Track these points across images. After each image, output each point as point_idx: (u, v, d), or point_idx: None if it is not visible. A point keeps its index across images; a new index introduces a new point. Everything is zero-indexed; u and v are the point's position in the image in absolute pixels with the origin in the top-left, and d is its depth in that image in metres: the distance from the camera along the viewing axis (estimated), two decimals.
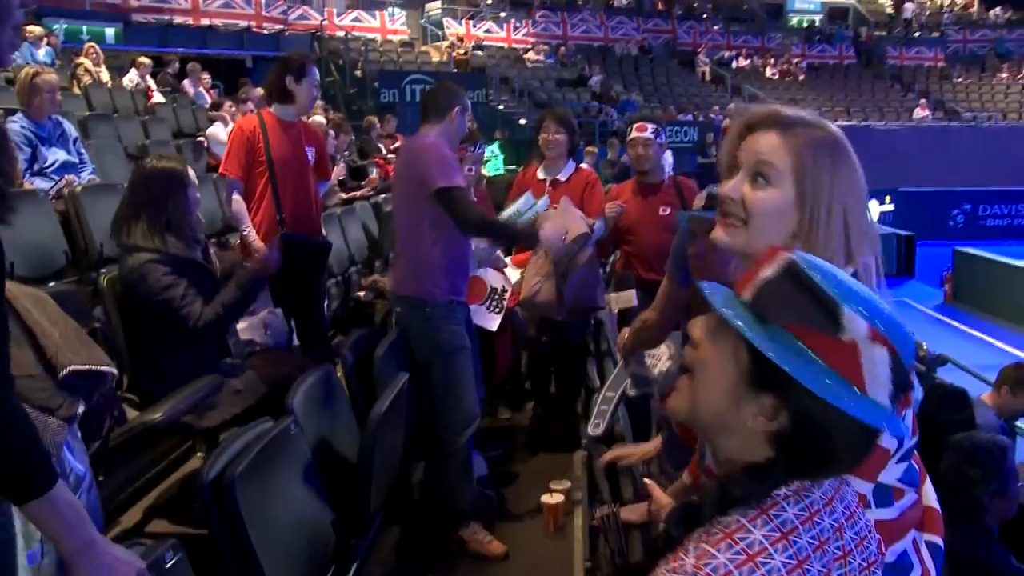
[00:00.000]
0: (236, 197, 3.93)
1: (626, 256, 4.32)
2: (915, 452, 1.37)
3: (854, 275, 1.22)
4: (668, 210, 4.14)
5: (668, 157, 4.61)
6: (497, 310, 4.00)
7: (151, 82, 10.92)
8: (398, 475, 3.03)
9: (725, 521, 0.90)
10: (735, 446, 0.98)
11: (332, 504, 2.28)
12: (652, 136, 4.19)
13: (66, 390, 2.03)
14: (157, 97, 10.55)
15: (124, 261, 2.89)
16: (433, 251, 3.20)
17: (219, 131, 7.99)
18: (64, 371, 2.01)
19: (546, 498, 3.40)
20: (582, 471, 3.58)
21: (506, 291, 4.03)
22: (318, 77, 4.06)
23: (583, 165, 4.45)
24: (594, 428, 3.21)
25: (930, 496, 1.40)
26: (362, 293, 5.96)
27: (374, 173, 8.01)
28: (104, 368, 2.12)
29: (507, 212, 3.87)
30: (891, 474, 1.30)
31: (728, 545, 0.88)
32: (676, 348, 3.14)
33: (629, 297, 3.96)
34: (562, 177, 4.26)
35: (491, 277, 4.05)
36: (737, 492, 0.91)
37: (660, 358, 3.16)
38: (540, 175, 4.31)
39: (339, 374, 2.93)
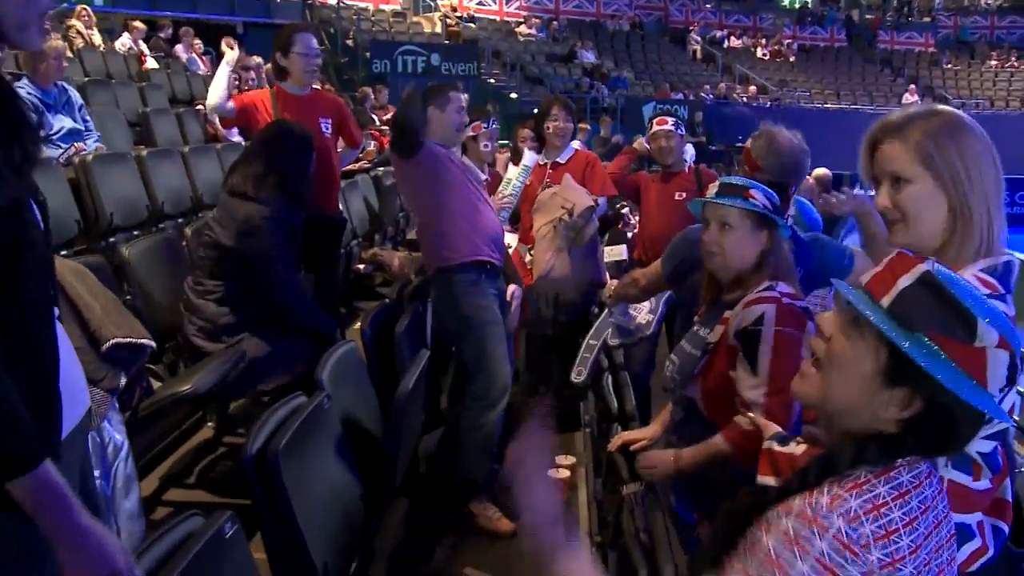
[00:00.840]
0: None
1: (640, 240, 4.41)
2: (1007, 446, 1.49)
3: (997, 271, 1.39)
4: (683, 195, 4.22)
5: (689, 148, 4.73)
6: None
7: (144, 47, 10.76)
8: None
9: (854, 474, 1.07)
10: (859, 426, 1.11)
11: (360, 478, 2.35)
12: (673, 128, 4.35)
13: (109, 362, 2.08)
14: (150, 62, 10.37)
15: (235, 207, 2.97)
16: (443, 216, 3.20)
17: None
18: (107, 344, 2.07)
19: (552, 473, 3.48)
20: (585, 448, 3.66)
21: (510, 246, 4.10)
22: (313, 43, 3.96)
23: (577, 145, 4.54)
24: (576, 375, 3.33)
25: (1006, 490, 1.51)
26: (362, 266, 6.01)
27: (371, 145, 8.00)
28: (144, 341, 2.17)
29: (516, 170, 3.97)
30: (975, 445, 1.40)
31: (857, 494, 1.04)
32: (658, 303, 3.29)
33: (620, 251, 4.10)
34: (562, 159, 4.35)
35: None
36: (869, 455, 1.07)
37: (641, 311, 3.32)
38: (540, 160, 4.36)
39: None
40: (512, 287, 3.50)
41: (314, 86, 4.19)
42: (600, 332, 3.38)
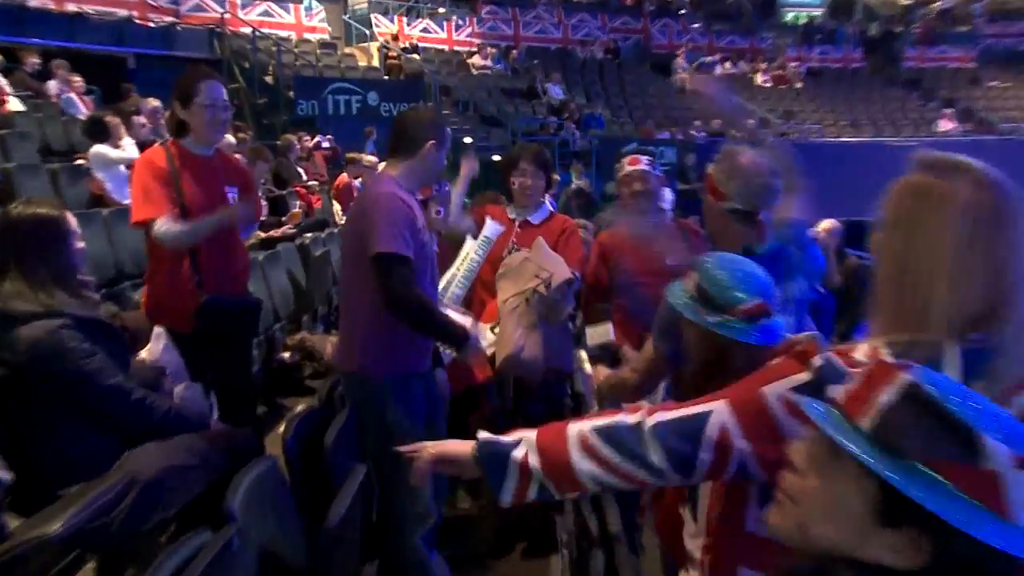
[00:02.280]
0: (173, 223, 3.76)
1: (618, 320, 4.38)
2: None
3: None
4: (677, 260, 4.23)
5: (667, 193, 4.73)
6: None
7: (4, 82, 10.58)
8: None
9: None
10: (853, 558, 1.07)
11: None
12: (648, 168, 4.26)
13: None
14: (14, 103, 10.17)
15: (9, 337, 2.85)
16: (376, 320, 3.30)
17: (106, 151, 7.73)
18: None
19: None
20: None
21: None
22: (220, 94, 3.94)
23: (549, 206, 4.58)
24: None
25: None
26: (287, 355, 5.97)
27: (296, 206, 8.02)
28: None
29: (475, 243, 3.96)
30: None
31: None
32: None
33: (606, 331, 4.07)
34: (534, 220, 4.42)
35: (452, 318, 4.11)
36: None
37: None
38: (510, 214, 4.45)
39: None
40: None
41: (229, 137, 4.21)
42: None
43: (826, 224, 6.93)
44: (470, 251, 4.28)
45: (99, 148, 7.81)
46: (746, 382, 1.64)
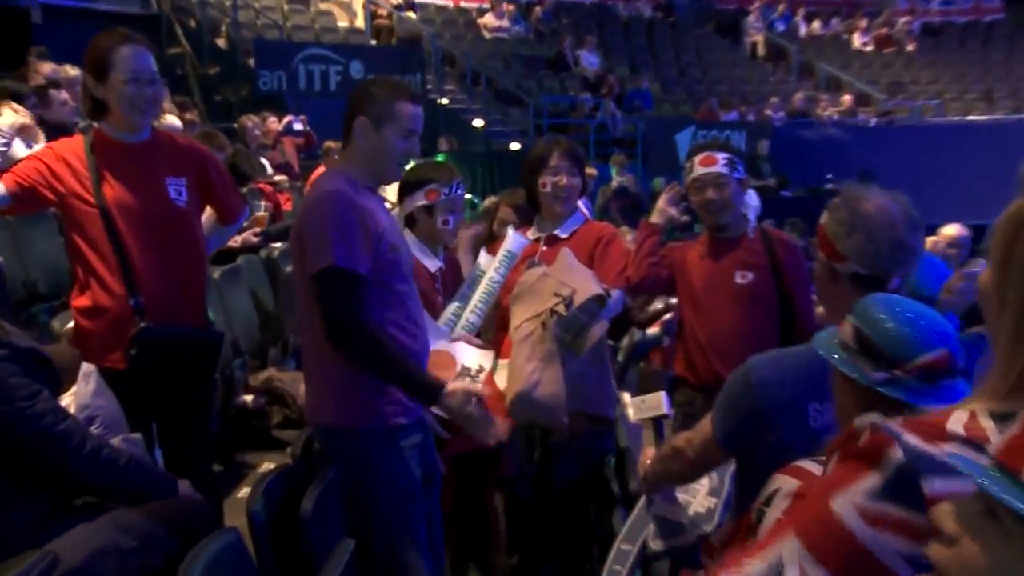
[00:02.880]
0: None
1: (681, 345, 4.40)
2: None
3: None
4: (749, 276, 4.28)
5: (751, 198, 4.75)
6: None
7: None
8: None
9: None
10: None
11: None
12: (726, 171, 4.32)
13: None
14: None
15: None
16: (341, 359, 3.35)
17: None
18: None
19: None
20: None
21: (482, 371, 4.08)
22: (144, 63, 3.87)
23: (584, 211, 4.61)
24: None
25: None
26: (250, 398, 6.00)
27: (260, 208, 8.07)
28: None
29: (494, 259, 4.00)
30: None
31: None
32: (721, 480, 3.27)
33: (657, 402, 4.06)
34: (562, 232, 4.45)
35: (462, 352, 4.09)
36: None
37: (697, 494, 3.29)
38: (531, 234, 4.51)
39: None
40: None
41: (172, 119, 4.22)
42: (635, 531, 3.34)
43: (950, 231, 6.82)
44: (488, 269, 4.28)
45: None
46: (809, 500, 1.65)
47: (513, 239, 4.30)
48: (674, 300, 5.69)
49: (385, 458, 3.37)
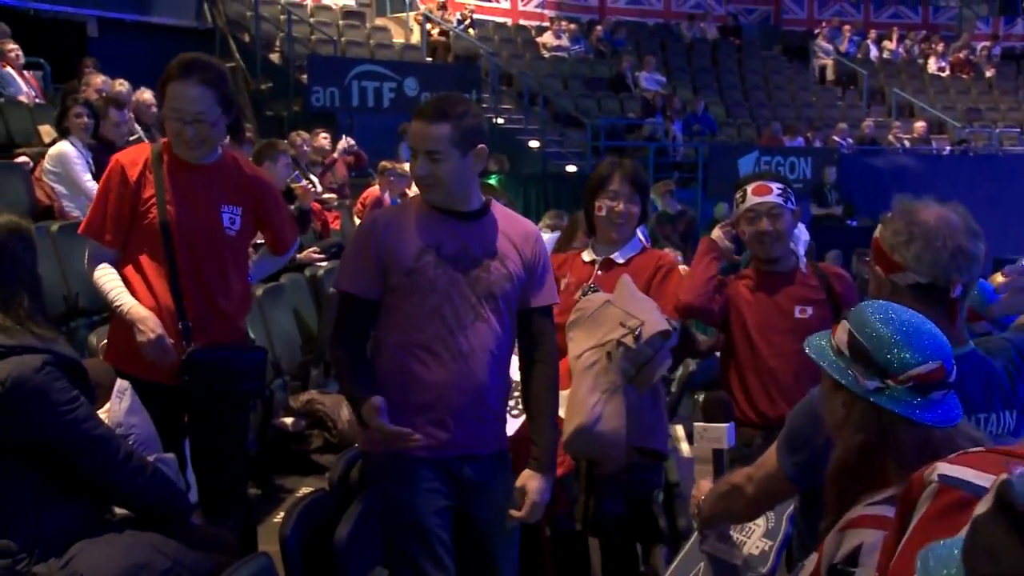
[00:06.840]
0: (103, 266, 3.96)
1: (735, 383, 4.36)
2: None
3: None
4: (808, 311, 4.25)
5: (802, 232, 4.71)
6: (518, 411, 4.04)
7: None
8: None
9: None
10: None
11: None
12: (780, 200, 4.29)
13: None
14: None
15: None
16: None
17: (66, 149, 7.81)
18: None
19: None
20: None
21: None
22: (185, 100, 3.87)
23: (641, 238, 4.64)
24: None
25: None
26: (290, 420, 6.00)
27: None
28: None
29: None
30: None
31: None
32: (778, 522, 3.23)
33: (720, 434, 4.00)
34: (619, 258, 4.43)
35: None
36: None
37: (752, 534, 3.25)
38: (586, 257, 4.49)
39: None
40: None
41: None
42: (684, 568, 3.31)
43: None
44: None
45: (55, 147, 7.82)
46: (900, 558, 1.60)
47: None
48: None
49: (393, 487, 3.36)
